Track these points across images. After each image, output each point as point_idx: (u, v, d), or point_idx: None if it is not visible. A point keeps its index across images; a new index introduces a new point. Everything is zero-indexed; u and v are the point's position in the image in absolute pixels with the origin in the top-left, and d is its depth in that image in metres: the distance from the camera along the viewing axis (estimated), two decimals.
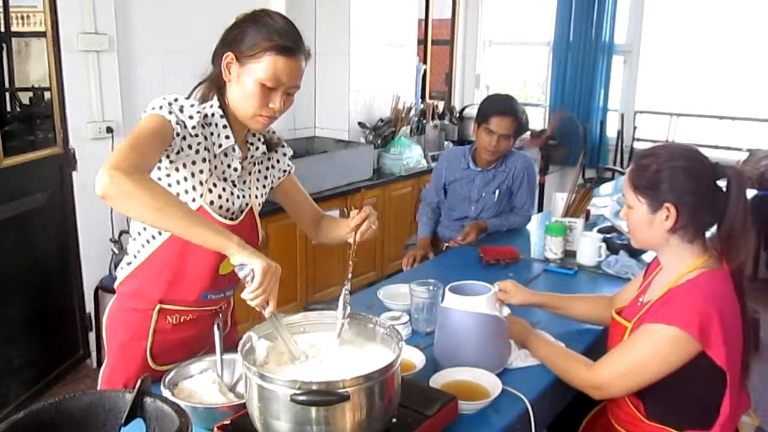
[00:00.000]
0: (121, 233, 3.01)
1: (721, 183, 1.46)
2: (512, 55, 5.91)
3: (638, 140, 5.00)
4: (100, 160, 1.21)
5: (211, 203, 1.43)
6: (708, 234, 1.51)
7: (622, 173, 4.57)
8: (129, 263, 1.50)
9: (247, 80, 1.37)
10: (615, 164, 5.02)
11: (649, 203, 1.47)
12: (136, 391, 0.99)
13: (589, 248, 2.35)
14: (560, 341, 1.69)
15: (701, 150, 1.50)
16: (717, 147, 4.62)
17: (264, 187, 1.62)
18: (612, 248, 2.40)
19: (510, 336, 1.63)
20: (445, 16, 5.58)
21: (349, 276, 1.40)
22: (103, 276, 3.07)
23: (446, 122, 5.19)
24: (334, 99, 4.33)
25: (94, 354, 3.19)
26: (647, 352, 1.41)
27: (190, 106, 1.35)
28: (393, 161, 4.22)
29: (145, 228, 1.44)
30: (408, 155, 4.26)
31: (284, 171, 1.68)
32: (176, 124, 1.30)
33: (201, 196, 1.41)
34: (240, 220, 1.49)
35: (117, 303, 1.54)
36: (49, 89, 2.87)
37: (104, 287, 3.04)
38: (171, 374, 1.39)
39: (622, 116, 5.05)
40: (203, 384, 1.39)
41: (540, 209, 4.49)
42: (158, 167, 1.39)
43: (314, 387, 1.09)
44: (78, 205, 2.99)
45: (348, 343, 1.34)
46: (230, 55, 1.37)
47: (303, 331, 1.36)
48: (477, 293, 1.59)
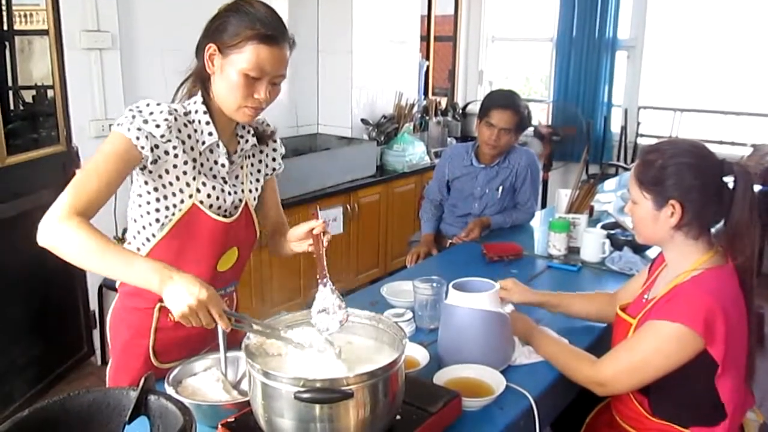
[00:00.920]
0: (125, 231, 3.01)
1: (728, 179, 1.45)
2: (515, 51, 5.90)
3: (642, 136, 4.99)
4: None
5: (201, 203, 1.42)
6: (713, 230, 1.50)
7: (626, 169, 4.56)
8: None
9: (231, 71, 1.35)
10: (619, 160, 5.00)
11: (655, 199, 1.47)
12: (140, 389, 0.99)
13: (593, 244, 2.34)
14: (564, 338, 1.68)
15: (706, 145, 1.50)
16: (721, 142, 4.60)
17: (258, 181, 1.59)
18: (616, 244, 2.39)
19: (514, 333, 1.63)
20: (448, 13, 5.56)
21: (326, 275, 1.36)
22: None
23: (449, 119, 5.18)
24: (337, 96, 4.32)
25: (98, 352, 3.19)
26: (652, 349, 1.41)
27: (159, 113, 1.33)
28: (396, 158, 4.21)
29: (145, 227, 1.44)
30: (411, 152, 4.25)
31: (273, 168, 1.65)
32: (137, 140, 1.29)
33: (190, 197, 1.41)
34: (235, 218, 1.48)
35: (119, 302, 1.54)
36: (52, 87, 2.87)
37: (108, 285, 3.04)
38: (175, 372, 1.40)
39: (626, 112, 5.04)
40: (207, 382, 1.39)
41: (543, 205, 4.49)
42: (139, 181, 1.39)
43: (318, 384, 1.09)
44: None
45: (352, 341, 1.34)
46: (212, 47, 1.35)
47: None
48: (480, 290, 1.59)
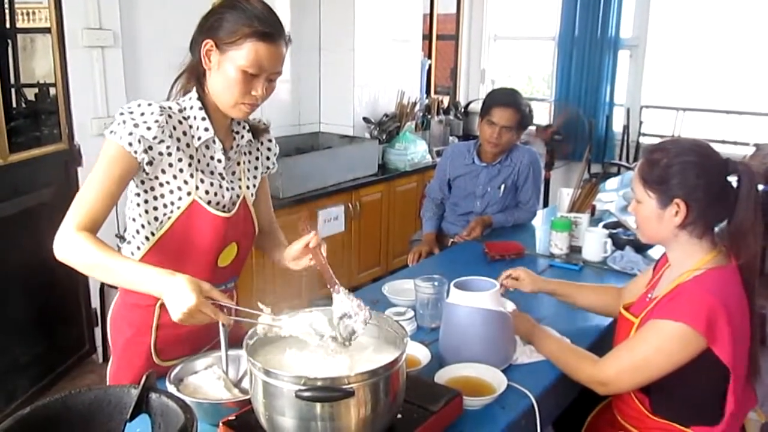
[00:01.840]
0: (125, 230, 3.01)
1: (732, 179, 1.45)
2: (517, 50, 5.89)
3: (644, 135, 4.98)
4: None
5: (200, 198, 1.42)
6: (716, 229, 1.50)
7: (628, 168, 4.55)
8: None
9: (229, 68, 1.35)
10: (621, 159, 5.00)
11: (659, 198, 1.46)
12: (142, 387, 0.99)
13: (595, 244, 2.34)
14: (566, 337, 1.68)
15: (710, 144, 1.49)
16: (724, 142, 4.59)
17: (255, 178, 1.60)
18: (618, 244, 2.39)
19: (515, 332, 1.63)
20: (450, 11, 5.56)
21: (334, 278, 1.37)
22: None
23: (451, 117, 5.18)
24: (339, 94, 4.32)
25: (100, 349, 3.20)
26: (654, 348, 1.41)
27: (150, 114, 1.33)
28: (398, 156, 4.21)
29: (144, 225, 1.44)
30: (413, 150, 4.25)
31: (267, 167, 1.65)
32: (130, 146, 1.31)
33: (189, 194, 1.41)
34: (234, 213, 1.48)
35: (120, 300, 1.54)
36: (54, 85, 2.87)
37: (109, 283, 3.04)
38: (176, 370, 1.40)
39: (628, 111, 5.03)
40: (208, 380, 1.39)
41: (545, 204, 4.48)
42: (136, 181, 1.39)
43: (319, 383, 1.09)
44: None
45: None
46: (210, 43, 1.35)
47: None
48: (482, 289, 1.59)
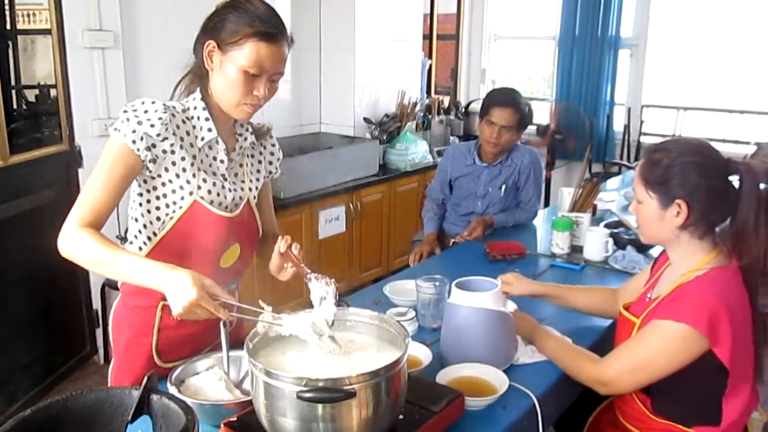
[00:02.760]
0: (127, 229, 3.01)
1: (733, 178, 1.44)
2: (518, 50, 5.88)
3: (645, 134, 4.97)
4: None
5: (202, 198, 1.42)
6: (717, 229, 1.50)
7: (629, 167, 4.54)
8: None
9: (230, 68, 1.35)
10: (622, 159, 4.99)
11: (660, 199, 1.46)
12: (143, 388, 0.99)
13: (596, 243, 2.34)
14: (567, 337, 1.68)
15: (711, 144, 1.49)
16: (725, 141, 4.59)
17: (258, 180, 1.60)
18: (619, 243, 2.38)
19: (517, 332, 1.63)
20: (451, 11, 5.55)
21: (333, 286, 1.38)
22: None
23: (452, 117, 5.17)
24: (340, 95, 4.32)
25: (102, 350, 3.20)
26: (655, 349, 1.40)
27: (154, 111, 1.34)
28: (398, 157, 4.21)
29: (146, 225, 1.44)
30: (413, 151, 4.25)
31: (270, 172, 1.65)
32: (134, 144, 1.31)
33: (191, 194, 1.41)
34: (237, 213, 1.48)
35: (121, 302, 1.54)
36: (55, 86, 2.88)
37: (111, 284, 3.04)
38: (177, 371, 1.39)
39: (629, 110, 5.02)
40: (210, 381, 1.39)
41: (546, 204, 4.48)
42: (139, 180, 1.40)
43: (320, 384, 1.08)
44: None
45: (354, 339, 1.34)
46: (212, 43, 1.36)
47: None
48: (483, 289, 1.58)
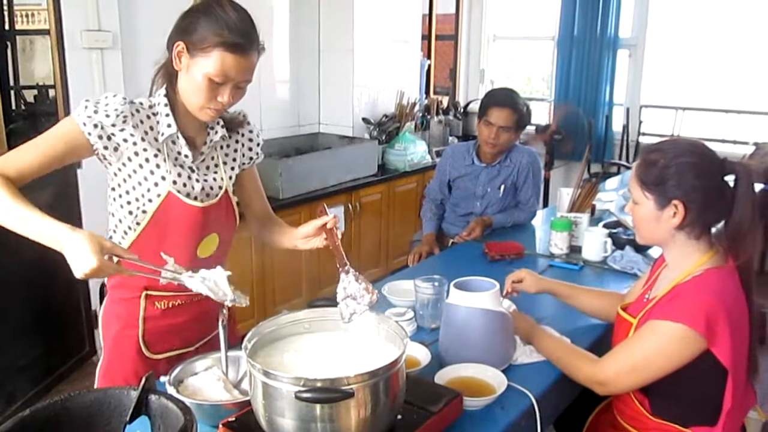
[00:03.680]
0: (116, 226, 3.01)
1: (729, 178, 1.45)
2: (517, 50, 5.89)
3: (644, 134, 4.98)
4: None
5: (172, 189, 1.43)
6: (713, 230, 1.50)
7: (628, 168, 4.55)
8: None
9: (196, 73, 1.35)
10: (620, 159, 5.00)
11: (657, 200, 1.46)
12: (141, 389, 0.99)
13: (595, 243, 2.34)
14: (565, 337, 1.68)
15: (707, 144, 1.49)
16: (723, 141, 4.60)
17: (233, 170, 1.60)
18: (618, 243, 2.39)
19: (515, 332, 1.63)
20: (449, 12, 5.56)
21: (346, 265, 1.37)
22: None
23: (451, 118, 5.18)
24: (339, 95, 4.32)
25: (100, 351, 3.19)
26: (653, 349, 1.41)
27: (113, 104, 1.36)
28: (397, 157, 4.21)
29: (121, 220, 1.46)
30: (412, 151, 4.25)
31: (250, 158, 1.65)
32: (84, 126, 1.33)
33: (156, 185, 1.42)
34: (213, 203, 1.49)
35: (108, 298, 1.57)
36: (54, 87, 2.88)
37: None
38: (176, 371, 1.40)
39: (628, 110, 5.03)
40: (208, 381, 1.39)
41: (545, 204, 4.48)
42: (110, 174, 1.43)
43: (319, 384, 1.08)
44: (83, 203, 3.00)
45: (352, 340, 1.34)
46: (180, 45, 1.36)
47: (308, 329, 1.36)
48: (482, 289, 1.58)
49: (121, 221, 1.46)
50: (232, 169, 1.59)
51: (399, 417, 1.22)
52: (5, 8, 2.73)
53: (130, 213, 1.44)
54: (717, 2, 4.81)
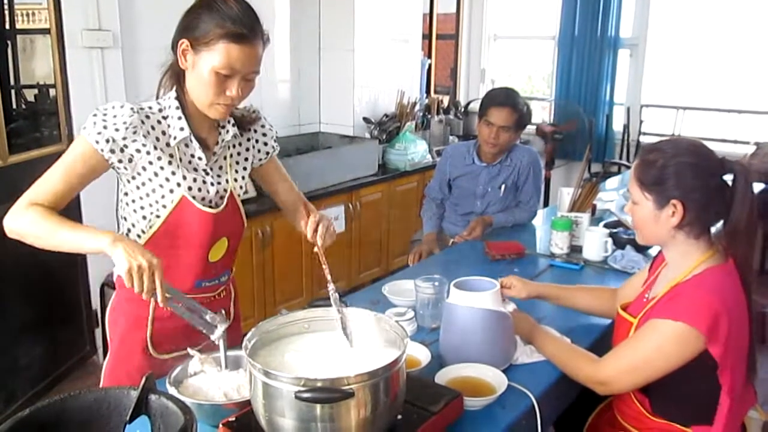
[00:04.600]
0: (129, 230, 3.01)
1: (728, 178, 1.45)
2: (517, 50, 5.88)
3: (644, 134, 4.97)
4: None
5: (186, 195, 1.43)
6: (713, 229, 1.50)
7: (629, 167, 4.54)
8: None
9: (202, 68, 1.35)
10: (621, 158, 4.99)
11: (656, 199, 1.46)
12: (141, 389, 0.99)
13: (596, 243, 2.34)
14: (566, 337, 1.68)
15: (708, 144, 1.49)
16: (724, 140, 4.59)
17: (245, 170, 1.59)
18: (618, 243, 2.38)
19: (515, 332, 1.63)
20: (450, 11, 5.55)
21: (329, 278, 1.41)
22: (109, 272, 3.07)
23: (451, 117, 5.17)
24: (339, 94, 4.32)
25: (101, 351, 3.20)
26: (653, 348, 1.41)
27: (121, 116, 1.36)
28: (398, 156, 4.21)
29: (134, 224, 1.46)
30: (413, 150, 4.25)
31: (267, 153, 1.64)
32: (97, 144, 1.34)
33: (171, 192, 1.42)
34: (222, 208, 1.49)
35: (116, 297, 1.56)
36: (54, 86, 2.87)
37: (110, 284, 3.04)
38: (176, 371, 1.39)
39: (628, 110, 5.02)
40: (204, 369, 1.39)
41: (546, 204, 4.48)
42: (123, 181, 1.44)
43: (319, 384, 1.08)
44: (83, 202, 3.00)
45: (353, 340, 1.34)
46: (185, 42, 1.36)
47: (307, 329, 1.36)
48: (482, 289, 1.58)
49: (134, 225, 1.47)
50: (245, 169, 1.59)
51: (399, 417, 1.22)
52: (6, 7, 2.73)
53: (144, 218, 1.45)
54: (718, 2, 4.80)
